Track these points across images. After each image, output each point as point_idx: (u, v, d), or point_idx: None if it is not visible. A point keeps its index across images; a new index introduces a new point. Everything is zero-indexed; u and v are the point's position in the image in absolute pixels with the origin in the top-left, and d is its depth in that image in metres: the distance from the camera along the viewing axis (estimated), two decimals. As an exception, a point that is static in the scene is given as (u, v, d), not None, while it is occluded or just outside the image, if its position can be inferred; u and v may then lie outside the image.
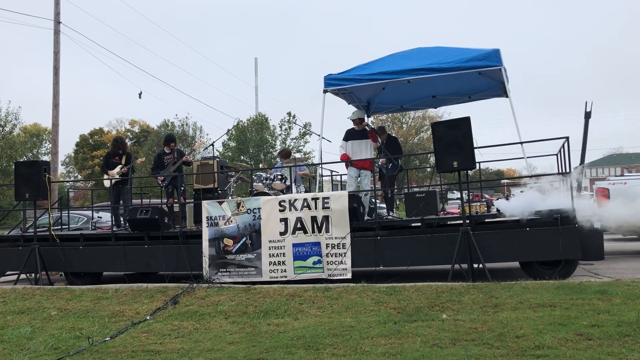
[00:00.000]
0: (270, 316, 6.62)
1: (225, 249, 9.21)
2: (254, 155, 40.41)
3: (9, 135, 43.82)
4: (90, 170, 56.87)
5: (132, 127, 62.11)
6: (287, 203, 9.00)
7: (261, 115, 42.56)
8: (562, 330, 5.13)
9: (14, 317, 7.46)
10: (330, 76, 10.61)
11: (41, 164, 10.52)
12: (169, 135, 12.14)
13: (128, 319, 6.99)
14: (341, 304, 6.90)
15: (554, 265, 8.15)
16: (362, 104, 12.64)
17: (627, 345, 4.57)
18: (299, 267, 8.82)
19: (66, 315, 7.41)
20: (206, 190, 10.78)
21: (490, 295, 6.66)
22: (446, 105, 13.83)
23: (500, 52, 9.67)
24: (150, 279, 10.25)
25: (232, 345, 5.45)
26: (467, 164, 8.13)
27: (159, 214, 9.84)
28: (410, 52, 11.05)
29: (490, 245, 8.16)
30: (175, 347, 5.50)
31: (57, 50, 21.02)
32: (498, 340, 4.95)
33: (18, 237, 11.06)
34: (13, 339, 6.25)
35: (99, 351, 5.50)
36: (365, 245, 8.75)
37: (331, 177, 13.20)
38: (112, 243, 10.15)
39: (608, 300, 6.09)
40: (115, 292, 8.48)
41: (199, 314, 6.97)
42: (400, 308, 6.47)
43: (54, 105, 21.09)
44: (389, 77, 10.20)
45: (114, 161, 11.36)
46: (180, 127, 44.40)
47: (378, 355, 4.73)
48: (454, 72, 9.79)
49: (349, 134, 10.67)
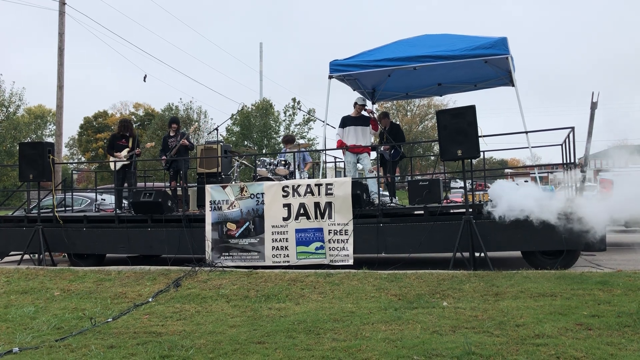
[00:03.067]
0: (271, 300, 6.66)
1: (228, 233, 9.24)
2: (258, 141, 40.41)
3: (13, 116, 43.80)
4: (94, 152, 56.90)
5: (136, 110, 61.97)
6: (290, 189, 9.01)
7: (266, 100, 42.47)
8: (562, 319, 5.15)
9: (17, 296, 7.53)
10: (336, 62, 10.55)
11: (45, 145, 10.53)
12: (172, 118, 12.17)
13: (130, 300, 7.05)
14: (342, 289, 6.93)
15: (555, 255, 8.17)
16: (367, 91, 12.60)
17: (627, 336, 4.59)
18: (302, 253, 8.85)
19: (69, 295, 7.47)
20: (210, 174, 10.81)
21: (491, 284, 6.68)
22: (452, 93, 13.75)
23: (507, 41, 9.59)
24: (153, 261, 10.30)
25: (234, 328, 5.49)
26: (472, 153, 8.10)
27: (162, 197, 9.86)
28: (416, 39, 10.97)
29: (492, 234, 8.17)
30: (177, 329, 5.55)
31: (62, 31, 20.95)
32: (498, 329, 4.97)
33: (22, 218, 11.12)
34: (17, 318, 6.31)
35: (102, 332, 5.55)
36: (367, 232, 8.77)
37: (335, 164, 13.20)
38: (115, 225, 10.20)
39: (609, 290, 6.11)
40: (118, 274, 8.54)
41: (200, 297, 7.02)
42: (401, 295, 6.50)
43: (58, 87, 21.06)
44: (394, 63, 10.14)
45: (120, 143, 11.34)
46: (184, 111, 44.34)
47: (378, 341, 4.76)
48: (460, 60, 9.72)
49: (346, 121, 10.63)
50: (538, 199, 7.94)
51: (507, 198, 8.05)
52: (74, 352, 4.87)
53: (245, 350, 4.70)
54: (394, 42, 11.02)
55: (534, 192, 8.20)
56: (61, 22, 20.93)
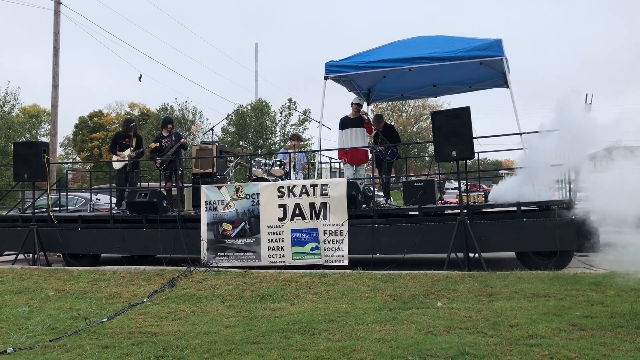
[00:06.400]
0: (266, 301, 6.67)
1: (224, 233, 9.24)
2: (253, 141, 40.38)
3: (8, 115, 43.63)
4: (89, 152, 56.66)
5: (131, 110, 61.74)
6: (285, 189, 9.02)
7: (262, 101, 42.46)
8: (555, 320, 5.18)
9: (11, 296, 7.50)
10: (332, 63, 10.58)
11: (40, 145, 10.51)
12: (166, 118, 12.09)
13: (125, 300, 7.04)
14: (337, 290, 6.95)
15: (549, 256, 8.21)
16: (362, 92, 12.63)
17: (620, 336, 4.62)
18: (297, 253, 8.87)
19: (64, 295, 7.46)
20: (205, 174, 10.80)
21: (486, 285, 6.71)
22: (447, 94, 13.82)
23: (502, 42, 9.66)
24: (148, 261, 10.29)
25: (229, 328, 5.50)
26: (466, 154, 8.14)
27: (157, 198, 9.85)
28: (411, 40, 11.02)
29: (486, 235, 8.21)
30: (172, 329, 5.55)
31: (57, 31, 20.91)
32: (492, 329, 5.00)
33: (16, 218, 11.09)
34: (11, 318, 6.29)
35: (96, 332, 5.54)
36: (362, 232, 8.79)
37: (330, 164, 13.22)
38: (110, 225, 10.18)
39: (602, 291, 6.15)
40: (113, 274, 8.52)
41: (195, 297, 7.01)
42: (395, 295, 6.52)
43: (53, 86, 21.03)
44: (390, 64, 10.19)
45: (124, 143, 11.27)
46: (179, 111, 44.28)
47: (373, 341, 4.77)
48: (455, 61, 9.78)
49: (345, 122, 10.66)
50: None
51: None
52: (69, 352, 4.87)
53: (240, 350, 4.71)
54: (390, 43, 11.07)
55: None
56: (56, 22, 20.88)
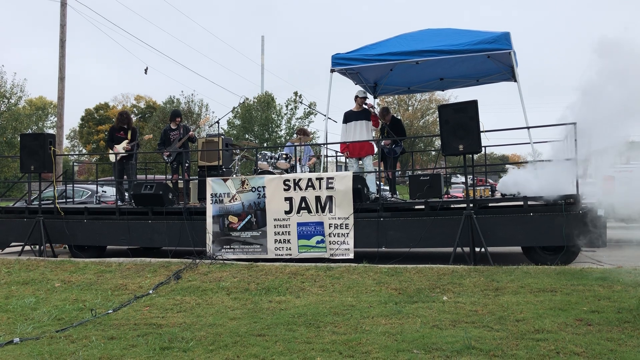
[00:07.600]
0: (272, 293, 6.67)
1: (230, 226, 9.25)
2: (259, 134, 40.36)
3: (14, 107, 43.74)
4: (95, 144, 56.84)
5: (137, 103, 61.83)
6: (291, 182, 9.00)
7: (268, 94, 42.39)
8: (562, 315, 5.16)
9: (18, 287, 7.54)
10: (338, 55, 10.52)
11: (46, 137, 10.53)
12: (174, 111, 12.05)
13: (131, 292, 7.06)
14: (342, 283, 6.94)
15: (556, 251, 8.17)
16: (369, 85, 12.57)
17: (627, 332, 4.59)
18: (303, 246, 8.87)
19: (70, 287, 7.49)
20: (210, 167, 10.80)
21: (492, 279, 6.69)
22: (454, 88, 13.73)
23: (510, 36, 9.56)
24: (154, 253, 10.32)
25: (234, 320, 5.50)
26: (473, 148, 8.09)
27: (163, 190, 9.86)
28: (419, 33, 10.94)
29: (492, 230, 8.17)
30: (177, 321, 5.56)
31: (64, 23, 20.92)
32: (498, 324, 4.98)
33: (23, 209, 11.13)
34: (17, 308, 6.33)
35: (102, 323, 5.56)
36: (368, 226, 8.77)
37: (336, 158, 13.19)
38: (116, 217, 10.20)
39: (609, 286, 6.11)
40: (119, 265, 8.55)
41: (201, 289, 7.03)
42: (401, 289, 6.51)
43: (59, 78, 21.07)
44: (397, 57, 10.11)
45: (119, 135, 11.34)
46: (186, 104, 44.27)
47: (378, 335, 4.77)
48: (462, 54, 9.70)
49: (348, 116, 10.58)
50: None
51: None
52: (75, 342, 4.89)
53: (246, 342, 4.72)
54: (397, 36, 10.99)
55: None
56: (63, 14, 20.90)
